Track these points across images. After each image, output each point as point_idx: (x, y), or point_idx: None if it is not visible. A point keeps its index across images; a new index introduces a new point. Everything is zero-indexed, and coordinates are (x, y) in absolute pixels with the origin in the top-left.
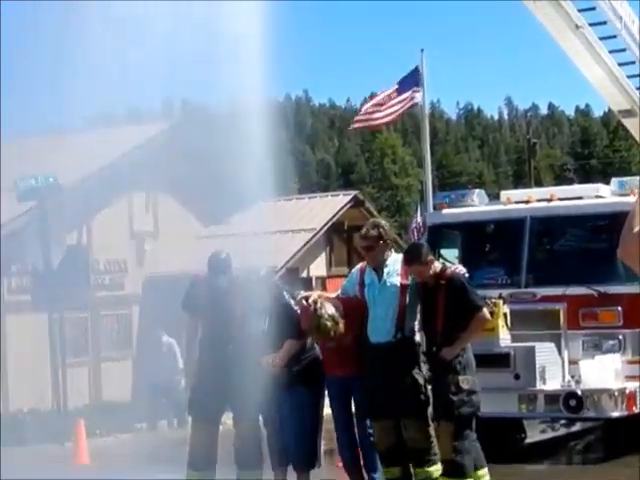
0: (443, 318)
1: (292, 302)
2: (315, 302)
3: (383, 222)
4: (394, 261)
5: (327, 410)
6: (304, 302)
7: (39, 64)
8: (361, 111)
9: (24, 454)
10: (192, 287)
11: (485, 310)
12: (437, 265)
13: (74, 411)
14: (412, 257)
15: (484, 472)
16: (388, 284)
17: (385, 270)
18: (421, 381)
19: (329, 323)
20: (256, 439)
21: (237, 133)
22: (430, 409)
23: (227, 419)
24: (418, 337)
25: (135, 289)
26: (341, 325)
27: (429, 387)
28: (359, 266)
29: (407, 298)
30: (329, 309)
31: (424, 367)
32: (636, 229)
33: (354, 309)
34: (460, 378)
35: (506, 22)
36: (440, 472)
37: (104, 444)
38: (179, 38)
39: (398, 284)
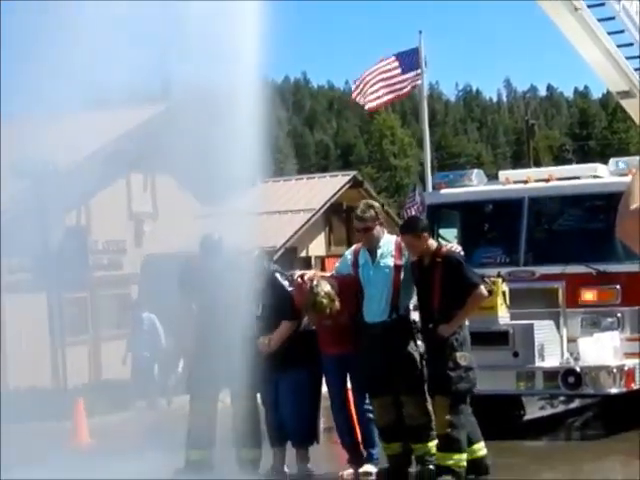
0: (440, 296)
1: (286, 284)
2: (311, 280)
3: (375, 203)
4: (387, 242)
5: (325, 388)
6: (300, 280)
7: (35, 46)
8: (366, 85)
9: (23, 433)
10: (186, 268)
11: (482, 287)
12: (433, 243)
13: (73, 390)
14: (406, 228)
15: (480, 446)
16: (382, 264)
17: (379, 251)
18: (418, 358)
19: (325, 300)
20: (254, 417)
21: (235, 114)
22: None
23: (226, 396)
24: (413, 316)
25: (134, 269)
26: (337, 303)
27: (424, 363)
28: (353, 248)
29: (401, 278)
30: (325, 286)
31: (420, 344)
32: (632, 207)
33: (349, 287)
34: (457, 355)
35: (505, 4)
36: None
37: (104, 422)
38: (176, 20)
39: (392, 265)
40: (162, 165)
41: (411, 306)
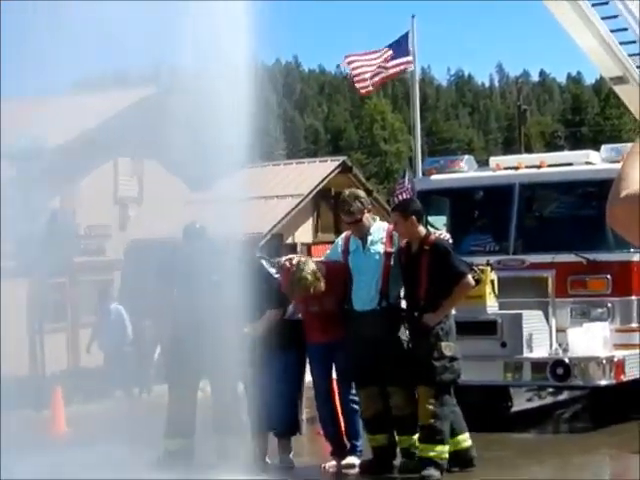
0: (426, 284)
1: (272, 271)
2: (298, 262)
3: (361, 192)
4: (378, 229)
5: (308, 377)
6: (287, 264)
7: (24, 28)
8: (357, 70)
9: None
10: (168, 255)
11: (469, 277)
12: (422, 230)
13: (51, 378)
14: (397, 206)
15: (465, 437)
16: (372, 251)
17: (369, 238)
18: (407, 348)
19: (309, 277)
20: (235, 406)
21: (224, 97)
22: None
23: (207, 385)
24: (403, 304)
25: (117, 255)
26: (322, 283)
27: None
28: (344, 234)
29: (391, 265)
30: (311, 265)
31: (405, 332)
32: (623, 193)
33: (337, 273)
34: (443, 344)
35: None
36: None
37: (82, 411)
38: (166, 3)
39: (382, 252)
40: (148, 149)
41: (401, 295)
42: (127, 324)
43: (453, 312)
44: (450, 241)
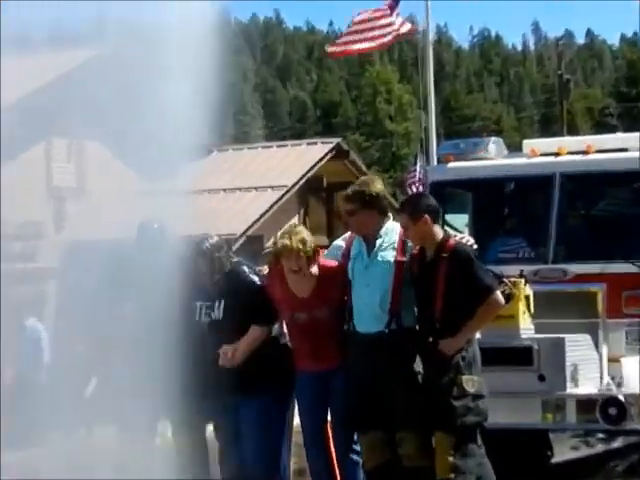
0: (443, 301)
1: (255, 278)
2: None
3: (375, 178)
4: (390, 231)
5: (297, 419)
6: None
7: None
8: (343, 33)
9: None
10: (116, 262)
11: (498, 292)
12: (439, 232)
13: None
14: (403, 205)
15: None
16: (379, 258)
17: (378, 241)
18: (420, 383)
19: (296, 242)
20: (202, 454)
21: (185, 63)
22: None
23: (167, 429)
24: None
25: (51, 261)
26: (310, 250)
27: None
28: (347, 234)
29: (404, 277)
30: (304, 233)
31: (420, 364)
32: None
33: (330, 272)
34: (464, 378)
35: None
36: None
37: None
38: None
39: (392, 260)
40: (92, 128)
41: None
42: (43, 345)
43: (477, 336)
44: (474, 247)
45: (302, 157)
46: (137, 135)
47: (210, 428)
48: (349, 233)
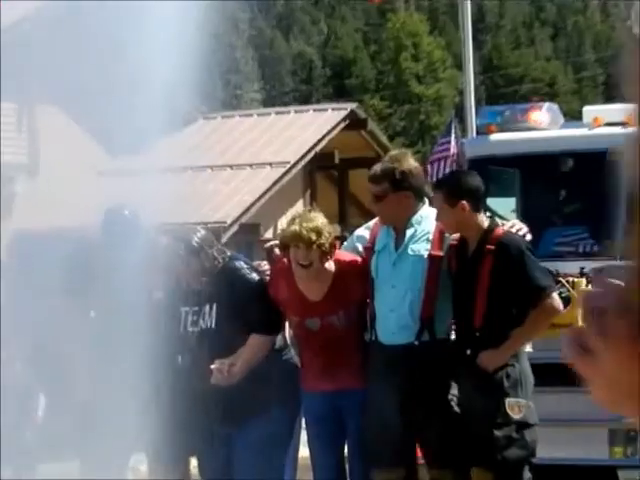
0: (485, 304)
1: (254, 277)
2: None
3: (408, 153)
4: (425, 218)
5: (304, 451)
6: (276, 251)
7: None
8: None
9: None
10: (78, 256)
11: (554, 295)
12: (483, 220)
13: None
14: (440, 184)
15: None
16: (410, 252)
17: (409, 231)
18: (457, 409)
19: (307, 230)
20: None
21: (157, 11)
22: None
23: (141, 463)
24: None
25: None
26: (325, 243)
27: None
28: (372, 223)
29: (439, 276)
30: (320, 220)
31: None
32: None
33: (353, 271)
34: (508, 402)
35: None
36: None
37: None
38: None
39: (425, 254)
40: (44, 91)
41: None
42: None
43: (527, 349)
44: (528, 237)
45: (308, 127)
46: (99, 99)
47: (194, 463)
48: (375, 220)
